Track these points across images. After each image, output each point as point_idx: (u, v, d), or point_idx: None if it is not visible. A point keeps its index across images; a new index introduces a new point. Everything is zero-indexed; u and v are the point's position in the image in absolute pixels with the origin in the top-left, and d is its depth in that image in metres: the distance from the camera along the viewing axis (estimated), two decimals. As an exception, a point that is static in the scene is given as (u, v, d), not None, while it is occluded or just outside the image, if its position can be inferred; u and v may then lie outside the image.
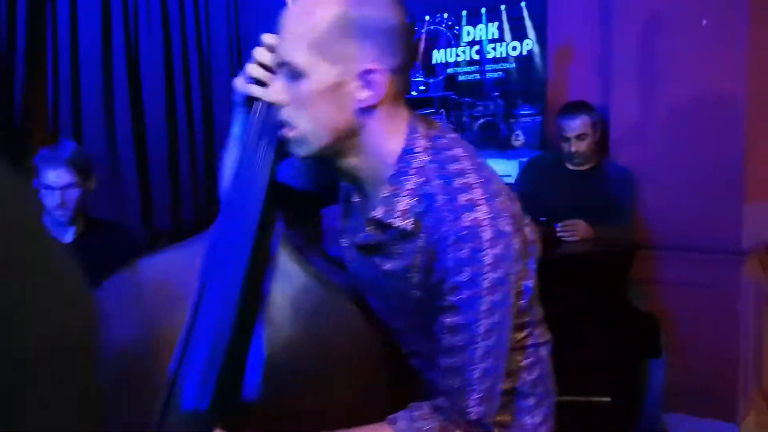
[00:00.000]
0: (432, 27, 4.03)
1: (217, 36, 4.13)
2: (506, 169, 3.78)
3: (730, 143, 2.98)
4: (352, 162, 1.17)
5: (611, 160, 3.26)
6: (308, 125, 1.12)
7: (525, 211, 1.20)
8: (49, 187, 2.33)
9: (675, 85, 3.10)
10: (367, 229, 1.18)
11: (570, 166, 3.23)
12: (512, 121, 3.78)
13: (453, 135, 1.21)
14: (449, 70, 3.98)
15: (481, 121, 3.89)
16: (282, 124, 1.15)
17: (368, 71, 1.08)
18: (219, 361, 1.14)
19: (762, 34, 2.99)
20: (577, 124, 3.12)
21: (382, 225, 1.16)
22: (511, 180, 3.61)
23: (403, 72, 1.13)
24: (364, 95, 1.10)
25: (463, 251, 1.07)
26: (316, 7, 1.08)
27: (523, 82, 3.72)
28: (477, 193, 1.10)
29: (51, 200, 2.33)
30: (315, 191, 1.41)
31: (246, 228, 1.17)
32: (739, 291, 3.01)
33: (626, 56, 3.24)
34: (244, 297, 1.16)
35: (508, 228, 1.09)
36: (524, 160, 3.57)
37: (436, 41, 4.02)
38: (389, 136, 1.15)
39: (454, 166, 1.14)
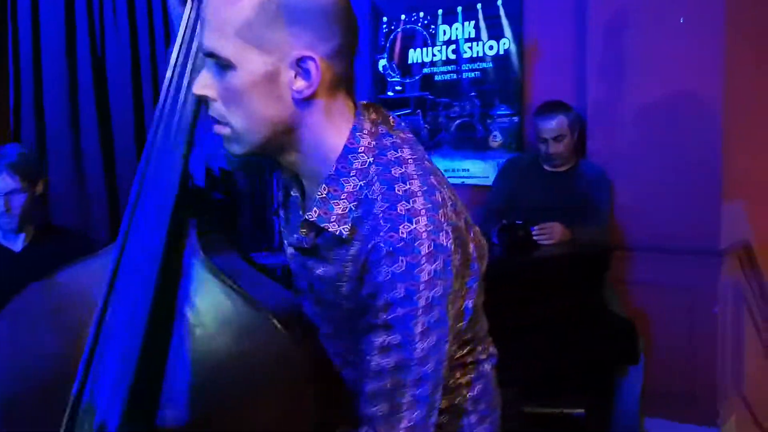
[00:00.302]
0: (408, 26, 3.96)
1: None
2: (483, 170, 3.72)
3: (708, 142, 2.94)
4: (290, 158, 1.08)
5: (588, 160, 3.21)
6: (241, 121, 1.03)
7: (502, 214, 1.12)
8: None
9: (652, 84, 3.05)
10: (301, 231, 1.10)
11: (547, 168, 3.17)
12: (489, 121, 3.72)
13: (403, 134, 1.11)
14: (425, 70, 3.91)
15: (458, 121, 3.83)
16: (198, 122, 1.07)
17: (302, 58, 0.99)
18: (128, 377, 1.06)
19: (738, 31, 2.95)
20: (553, 125, 3.07)
21: (316, 228, 1.07)
22: (488, 181, 3.56)
23: (342, 58, 1.03)
24: (300, 85, 1.00)
25: (398, 265, 0.98)
26: None
27: (500, 82, 3.66)
28: (418, 203, 1.01)
29: (2, 206, 2.23)
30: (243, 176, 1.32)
31: (152, 239, 1.09)
32: (717, 291, 2.97)
33: (603, 55, 3.19)
34: (153, 310, 1.08)
35: (448, 243, 1.00)
36: (501, 161, 3.51)
37: (412, 40, 3.96)
38: (329, 131, 1.06)
39: (398, 170, 1.04)
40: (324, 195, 1.05)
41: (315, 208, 1.06)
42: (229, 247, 1.22)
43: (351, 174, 1.05)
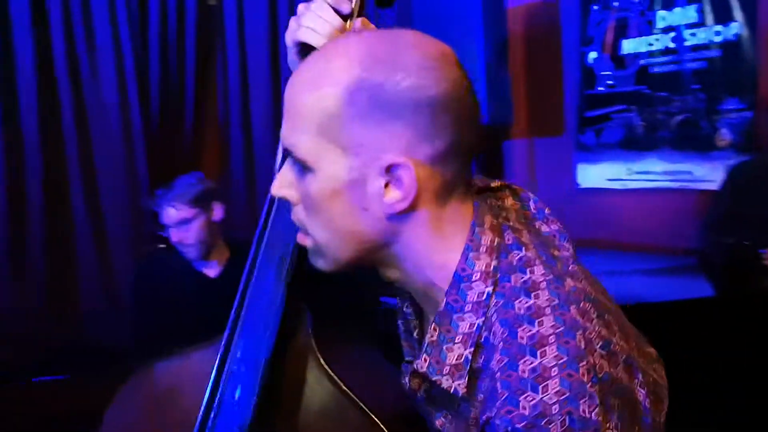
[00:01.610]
0: (621, 13, 3.59)
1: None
2: (708, 173, 3.28)
3: None
4: (392, 275, 0.87)
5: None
6: (322, 233, 0.84)
7: (725, 230, 0.82)
8: (167, 226, 2.32)
9: None
10: (412, 382, 0.87)
11: (787, 174, 2.69)
12: (716, 117, 3.26)
13: (540, 236, 0.87)
14: (641, 62, 3.52)
15: (679, 118, 3.41)
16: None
17: (393, 166, 0.78)
18: None
19: None
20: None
21: (427, 380, 0.84)
22: (714, 187, 3.11)
23: (454, 159, 0.81)
24: (391, 197, 0.79)
25: None
26: (319, 79, 0.79)
27: (730, 73, 3.19)
28: (549, 356, 0.75)
29: (173, 237, 2.32)
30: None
31: (262, 338, 1.00)
32: None
33: None
34: (259, 406, 1.02)
35: (592, 414, 0.72)
36: (730, 163, 3.05)
37: (625, 29, 3.58)
38: (436, 248, 0.83)
39: (524, 302, 0.79)
40: (435, 338, 0.83)
41: (425, 356, 0.83)
42: (350, 339, 1.11)
43: (466, 310, 0.81)
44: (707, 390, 1.96)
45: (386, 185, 0.78)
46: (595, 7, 3.70)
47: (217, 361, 1.04)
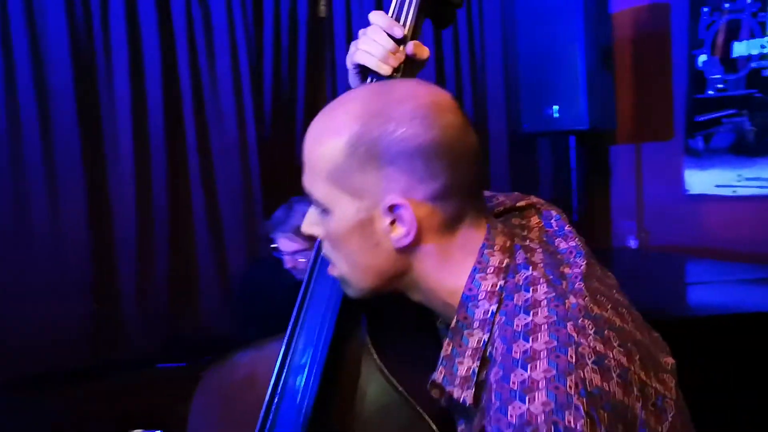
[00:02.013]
0: (732, 15, 3.47)
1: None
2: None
3: None
4: (416, 297, 0.97)
5: None
6: (345, 267, 0.96)
7: None
8: (280, 252, 2.40)
9: None
10: (432, 391, 0.95)
11: None
12: (833, 123, 3.10)
13: (555, 258, 0.92)
14: (752, 65, 3.39)
15: (794, 124, 3.26)
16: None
17: (395, 206, 0.88)
18: None
19: None
20: None
21: (443, 391, 0.93)
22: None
23: (453, 197, 0.89)
24: (397, 233, 0.89)
25: None
26: (325, 134, 0.91)
27: None
28: (538, 370, 0.79)
29: (287, 263, 2.40)
30: None
31: (321, 331, 1.11)
32: None
33: None
34: (318, 399, 1.12)
35: (578, 425, 0.75)
36: None
37: (737, 31, 3.46)
38: (446, 274, 0.92)
39: (522, 320, 0.85)
40: (448, 352, 0.92)
41: (441, 368, 0.93)
42: (405, 339, 1.21)
43: (474, 326, 0.90)
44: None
45: (392, 223, 0.89)
46: (705, 9, 3.59)
47: (281, 352, 1.18)
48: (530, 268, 0.90)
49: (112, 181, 3.20)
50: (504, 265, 0.91)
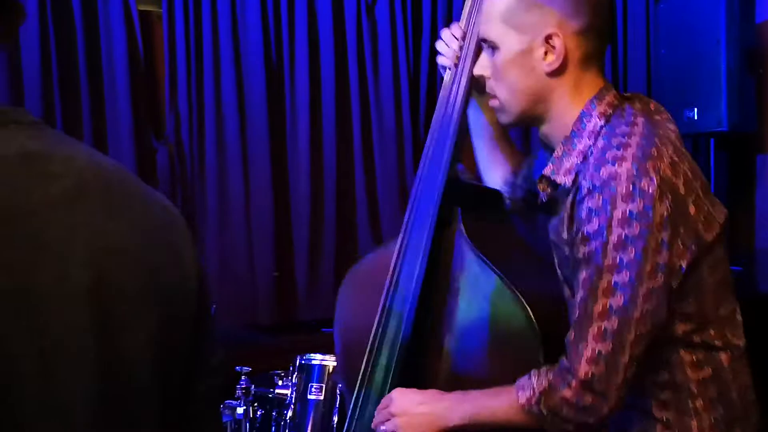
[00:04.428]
0: None
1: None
2: None
3: None
4: (544, 129, 1.29)
5: None
6: (505, 93, 1.28)
7: None
8: None
9: None
10: (539, 185, 1.28)
11: None
12: None
13: (659, 116, 1.22)
14: None
15: None
16: (464, 122, 1.39)
17: (550, 36, 1.20)
18: (406, 331, 1.43)
19: None
20: None
21: (550, 181, 1.25)
22: None
23: (592, 37, 1.21)
24: (549, 59, 1.21)
25: (594, 201, 1.09)
26: None
27: None
28: (627, 152, 1.12)
29: None
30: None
31: (422, 225, 1.44)
32: None
33: None
34: (426, 281, 1.42)
35: (650, 189, 1.06)
36: None
37: None
38: (575, 101, 1.23)
39: (624, 129, 1.17)
40: (560, 154, 1.24)
41: (550, 164, 1.25)
42: (498, 234, 1.52)
43: (583, 135, 1.22)
44: None
45: (545, 53, 1.23)
46: None
47: (398, 245, 1.56)
48: (636, 113, 1.22)
49: (291, 173, 3.70)
50: (615, 102, 1.23)
